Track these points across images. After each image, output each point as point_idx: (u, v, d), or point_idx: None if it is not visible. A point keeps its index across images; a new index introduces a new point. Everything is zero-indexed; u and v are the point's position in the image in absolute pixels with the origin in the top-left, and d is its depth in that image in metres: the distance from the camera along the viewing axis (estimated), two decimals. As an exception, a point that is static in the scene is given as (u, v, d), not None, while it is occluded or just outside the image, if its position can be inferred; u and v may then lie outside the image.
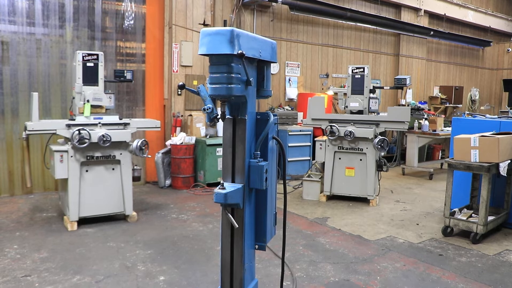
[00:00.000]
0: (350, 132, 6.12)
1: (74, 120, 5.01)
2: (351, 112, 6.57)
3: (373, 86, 6.80)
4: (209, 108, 2.01)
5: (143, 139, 5.17)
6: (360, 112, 6.52)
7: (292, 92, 9.53)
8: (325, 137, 6.53)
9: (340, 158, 6.42)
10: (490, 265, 4.10)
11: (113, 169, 5.16)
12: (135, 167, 5.34)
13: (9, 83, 6.34)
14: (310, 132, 8.32)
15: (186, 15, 7.61)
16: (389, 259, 4.21)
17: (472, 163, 4.62)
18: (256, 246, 2.20)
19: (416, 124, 8.94)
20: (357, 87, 6.55)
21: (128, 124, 5.22)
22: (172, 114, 7.57)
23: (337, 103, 8.55)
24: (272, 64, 2.26)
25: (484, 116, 5.97)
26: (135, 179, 5.36)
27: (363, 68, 6.55)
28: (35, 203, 6.04)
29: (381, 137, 6.07)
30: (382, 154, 6.35)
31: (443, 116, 10.71)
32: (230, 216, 1.97)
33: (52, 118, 6.55)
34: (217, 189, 1.91)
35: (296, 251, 4.36)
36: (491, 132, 4.92)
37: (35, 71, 6.53)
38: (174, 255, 4.19)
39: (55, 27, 6.65)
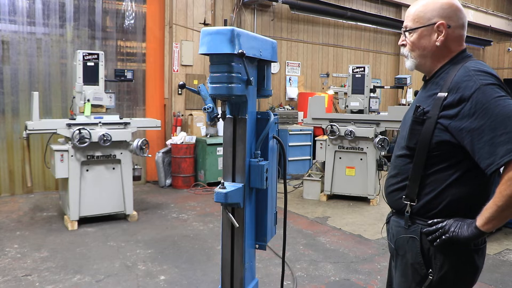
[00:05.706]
0: (351, 131, 6.12)
1: (74, 119, 5.00)
2: (352, 112, 6.57)
3: (374, 86, 6.80)
4: (210, 107, 2.01)
5: (144, 139, 5.17)
6: (360, 111, 6.52)
7: (292, 92, 9.53)
8: (325, 137, 6.53)
9: (340, 158, 6.42)
10: (490, 265, 4.09)
11: (113, 168, 5.16)
12: (135, 167, 5.34)
13: (9, 83, 6.34)
14: (310, 132, 8.32)
15: (186, 14, 7.61)
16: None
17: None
18: (257, 246, 2.20)
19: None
20: (358, 86, 6.55)
21: (129, 123, 5.22)
22: (173, 114, 7.57)
23: (338, 103, 8.54)
24: (272, 63, 2.26)
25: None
26: (136, 178, 5.36)
27: (364, 67, 6.55)
28: (36, 203, 6.04)
29: (381, 137, 6.07)
30: (383, 153, 6.35)
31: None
32: (231, 215, 1.97)
33: (52, 117, 6.55)
34: (217, 189, 1.91)
35: (296, 251, 4.36)
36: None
37: (35, 71, 6.53)
38: (174, 255, 4.20)
39: (56, 27, 6.65)
